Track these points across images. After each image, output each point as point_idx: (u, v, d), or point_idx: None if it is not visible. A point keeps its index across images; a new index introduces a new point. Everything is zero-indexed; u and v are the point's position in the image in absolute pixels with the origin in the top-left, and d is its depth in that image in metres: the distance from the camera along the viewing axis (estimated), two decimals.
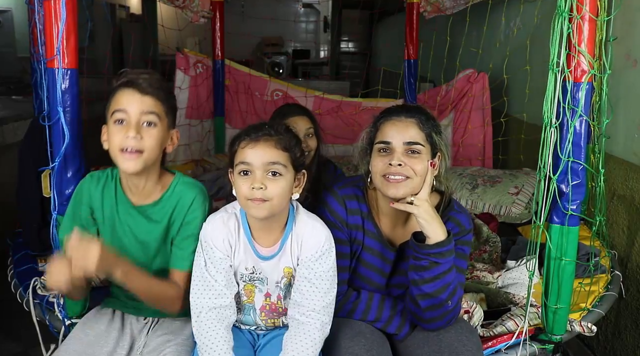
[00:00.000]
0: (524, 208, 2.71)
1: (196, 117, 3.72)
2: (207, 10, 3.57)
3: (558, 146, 1.53)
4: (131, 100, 1.35)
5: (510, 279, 2.02)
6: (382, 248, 1.54)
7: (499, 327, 1.67)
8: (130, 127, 1.34)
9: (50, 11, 1.40)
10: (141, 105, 1.35)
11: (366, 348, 1.38)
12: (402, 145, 1.41)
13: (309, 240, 1.38)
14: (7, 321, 2.49)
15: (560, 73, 1.50)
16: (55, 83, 1.44)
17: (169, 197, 1.47)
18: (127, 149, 1.35)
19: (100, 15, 6.13)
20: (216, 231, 1.39)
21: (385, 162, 1.41)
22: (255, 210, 1.31)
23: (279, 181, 1.31)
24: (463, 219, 1.51)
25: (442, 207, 1.51)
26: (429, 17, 3.60)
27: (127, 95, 1.35)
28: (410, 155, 1.41)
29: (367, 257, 1.54)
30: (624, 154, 2.34)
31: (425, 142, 1.43)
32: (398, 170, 1.39)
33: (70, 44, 1.43)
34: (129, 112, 1.35)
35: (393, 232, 1.56)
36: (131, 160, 1.35)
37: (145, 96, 1.36)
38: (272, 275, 1.42)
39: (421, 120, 1.44)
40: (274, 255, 1.41)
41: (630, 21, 2.29)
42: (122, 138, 1.34)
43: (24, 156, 2.11)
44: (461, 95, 3.59)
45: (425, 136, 1.43)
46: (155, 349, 1.46)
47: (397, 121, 1.43)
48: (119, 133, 1.35)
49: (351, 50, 9.68)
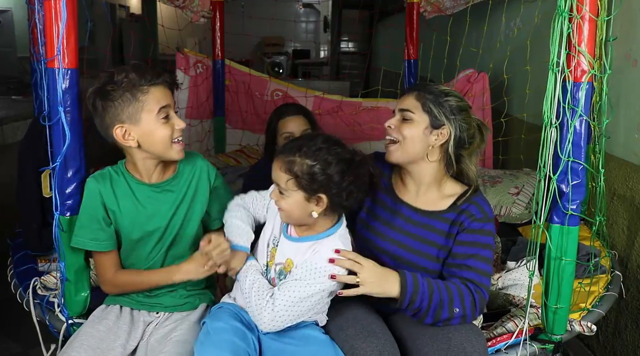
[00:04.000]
0: (524, 208, 2.70)
1: (196, 117, 3.72)
2: (207, 10, 3.57)
3: (558, 146, 1.54)
4: (168, 95, 1.49)
5: (510, 280, 2.02)
6: (394, 203, 1.64)
7: (499, 328, 1.67)
8: (177, 119, 1.50)
9: (50, 11, 1.40)
10: (172, 98, 1.50)
11: (378, 348, 1.38)
12: (398, 112, 1.59)
13: (319, 253, 1.41)
14: (7, 321, 2.49)
15: (560, 73, 1.50)
16: (55, 83, 1.44)
17: (183, 168, 1.62)
18: (178, 140, 1.51)
19: (100, 15, 6.13)
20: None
21: (385, 124, 1.61)
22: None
23: (286, 198, 1.41)
24: (486, 206, 1.57)
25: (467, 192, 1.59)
26: (429, 17, 3.60)
27: (164, 92, 1.47)
28: (403, 121, 1.57)
29: (378, 210, 1.65)
30: (624, 154, 2.34)
31: (420, 111, 1.56)
32: (388, 130, 1.59)
33: (70, 43, 1.43)
34: (171, 106, 1.49)
35: (415, 197, 1.64)
36: (181, 149, 1.53)
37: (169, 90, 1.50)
38: (280, 253, 1.49)
39: (420, 91, 1.58)
40: (291, 239, 1.48)
41: (630, 21, 2.29)
42: (171, 130, 1.49)
43: (24, 156, 2.10)
44: (461, 95, 3.59)
45: (420, 105, 1.56)
46: (164, 337, 1.50)
47: (404, 94, 1.63)
48: (167, 128, 1.48)
49: (351, 50, 9.69)
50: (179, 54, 3.66)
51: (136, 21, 8.55)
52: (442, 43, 3.45)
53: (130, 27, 8.28)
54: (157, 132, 1.47)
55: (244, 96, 3.90)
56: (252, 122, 3.93)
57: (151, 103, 1.44)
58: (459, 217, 1.55)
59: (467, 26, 3.36)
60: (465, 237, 1.53)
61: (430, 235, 1.58)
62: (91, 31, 1.93)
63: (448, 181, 1.63)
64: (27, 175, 2.02)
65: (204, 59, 3.75)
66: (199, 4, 3.51)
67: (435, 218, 1.59)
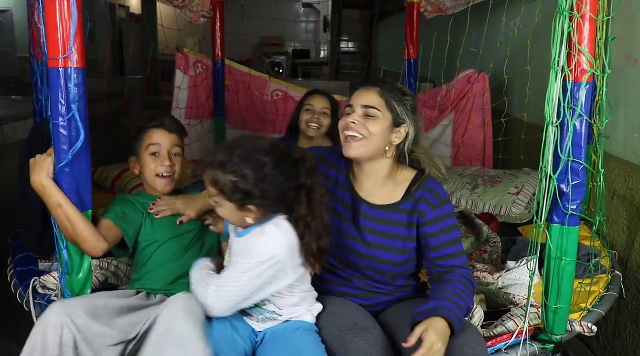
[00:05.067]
0: (524, 208, 2.70)
1: (196, 117, 3.72)
2: (207, 10, 3.57)
3: (558, 146, 1.54)
4: (163, 137, 1.77)
5: (511, 280, 2.02)
6: (354, 201, 1.64)
7: (499, 328, 1.67)
8: (164, 158, 1.76)
9: (54, 11, 1.40)
10: (170, 141, 1.78)
11: (371, 343, 1.39)
12: (361, 108, 1.57)
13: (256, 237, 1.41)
14: (7, 321, 2.49)
15: (561, 72, 1.50)
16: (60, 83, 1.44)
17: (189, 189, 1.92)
18: (163, 175, 1.76)
19: (100, 15, 6.13)
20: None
21: (347, 120, 1.57)
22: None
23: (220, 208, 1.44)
24: (440, 189, 1.61)
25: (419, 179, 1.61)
26: (429, 17, 3.60)
27: (159, 134, 1.77)
28: (367, 118, 1.56)
29: (340, 208, 1.64)
30: (624, 154, 2.34)
31: (384, 108, 1.56)
32: (353, 126, 1.55)
33: (78, 43, 1.43)
34: (162, 145, 1.76)
35: (371, 193, 1.64)
36: (167, 184, 1.78)
37: (172, 134, 1.79)
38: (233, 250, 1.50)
39: (383, 89, 1.58)
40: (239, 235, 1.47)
41: (630, 21, 2.29)
42: (157, 166, 1.76)
43: (25, 157, 2.09)
44: (462, 95, 3.59)
45: (384, 103, 1.57)
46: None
47: (362, 89, 1.61)
48: (154, 163, 1.76)
49: (351, 50, 9.69)
50: (178, 54, 3.65)
51: (136, 21, 8.56)
52: (442, 43, 3.45)
53: (130, 27, 8.28)
54: (147, 165, 1.77)
55: (244, 96, 3.90)
56: (252, 122, 3.93)
57: (146, 141, 1.77)
58: (416, 206, 1.58)
59: (468, 26, 3.35)
60: (432, 229, 1.57)
61: (392, 229, 1.59)
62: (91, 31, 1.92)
63: (399, 170, 1.64)
64: (28, 176, 2.02)
65: (204, 59, 3.75)
66: (199, 4, 3.50)
67: (393, 211, 1.60)
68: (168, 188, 1.78)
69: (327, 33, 9.93)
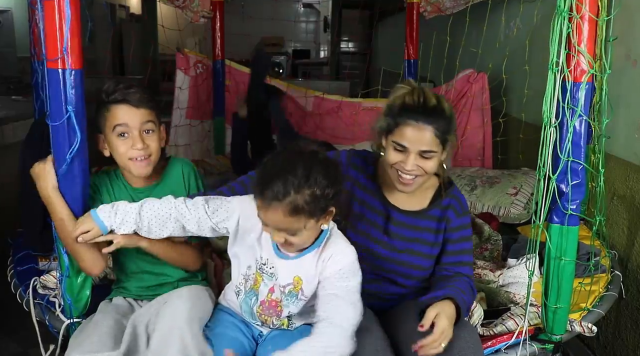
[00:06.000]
0: (522, 208, 2.71)
1: (196, 117, 3.72)
2: (207, 10, 3.57)
3: (558, 146, 1.54)
4: (129, 115, 1.50)
5: (511, 277, 2.02)
6: (383, 207, 1.62)
7: (499, 326, 1.67)
8: (135, 140, 1.51)
9: (52, 11, 1.40)
10: (139, 117, 1.51)
11: (371, 343, 1.40)
12: (417, 152, 1.47)
13: (334, 258, 1.38)
14: (7, 321, 2.49)
15: (560, 73, 1.50)
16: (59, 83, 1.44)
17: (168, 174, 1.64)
18: (137, 158, 1.52)
19: (100, 15, 6.13)
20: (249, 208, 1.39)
21: (400, 158, 1.48)
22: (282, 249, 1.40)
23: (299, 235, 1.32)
24: (464, 199, 1.64)
25: (445, 187, 1.62)
26: (429, 17, 3.60)
27: (124, 111, 1.50)
28: (423, 158, 1.48)
29: (369, 214, 1.62)
30: (624, 154, 2.34)
31: (439, 146, 1.48)
32: (410, 171, 1.48)
33: (74, 44, 1.43)
34: (130, 125, 1.50)
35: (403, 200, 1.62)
36: (142, 167, 1.54)
37: (139, 109, 1.51)
38: (282, 275, 1.42)
39: (437, 126, 1.46)
40: (292, 258, 1.40)
41: (630, 21, 2.29)
42: (128, 149, 1.51)
43: (25, 157, 2.10)
44: (460, 95, 3.59)
45: (440, 142, 1.47)
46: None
47: (415, 127, 1.45)
48: (125, 145, 1.51)
49: (351, 50, 9.66)
50: (179, 54, 3.66)
51: (136, 21, 8.56)
52: (442, 43, 3.45)
53: (130, 27, 8.28)
54: (116, 148, 1.53)
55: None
56: None
57: (110, 120, 1.51)
58: (444, 213, 1.60)
59: (467, 26, 3.36)
60: (453, 235, 1.60)
61: (421, 234, 1.60)
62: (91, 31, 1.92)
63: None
64: (28, 175, 2.02)
65: (204, 59, 3.75)
66: (199, 4, 3.51)
67: (422, 217, 1.61)
68: (145, 172, 1.55)
69: (327, 33, 9.91)
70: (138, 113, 1.50)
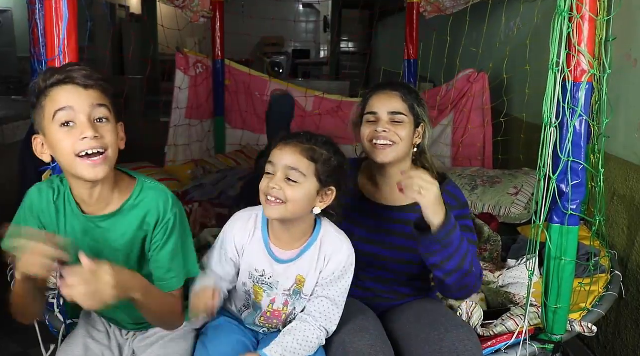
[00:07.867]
0: (523, 208, 2.71)
1: (196, 117, 3.72)
2: (207, 10, 3.57)
3: (558, 146, 1.54)
4: (75, 95, 1.14)
5: (511, 278, 2.02)
6: (367, 206, 1.64)
7: (499, 327, 1.67)
8: (84, 127, 1.13)
9: (51, 11, 1.40)
10: (88, 99, 1.15)
11: (369, 343, 1.39)
12: (387, 115, 1.57)
13: (337, 256, 1.41)
14: (7, 321, 2.49)
15: (560, 73, 1.50)
16: None
17: (131, 207, 1.26)
18: (87, 153, 1.14)
19: (101, 15, 6.13)
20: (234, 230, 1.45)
21: (372, 129, 1.57)
22: (269, 210, 1.34)
23: (296, 187, 1.32)
24: (459, 193, 1.64)
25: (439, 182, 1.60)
26: (429, 17, 3.60)
27: (68, 92, 1.15)
28: (394, 123, 1.56)
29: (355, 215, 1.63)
30: (624, 154, 2.34)
31: (408, 113, 1.58)
32: (383, 135, 1.55)
33: (71, 44, 1.43)
34: (76, 109, 1.14)
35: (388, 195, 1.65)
36: (95, 166, 1.15)
37: (88, 89, 1.16)
38: (283, 280, 1.43)
39: (404, 93, 1.59)
40: (291, 260, 1.42)
41: (630, 21, 2.29)
42: (74, 142, 1.14)
43: (24, 156, 2.10)
44: (461, 95, 3.59)
45: (407, 107, 1.58)
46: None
47: (382, 94, 1.60)
48: (70, 138, 1.14)
49: (351, 50, 9.68)
50: (178, 54, 3.66)
51: (136, 21, 8.56)
52: (442, 43, 3.45)
53: (130, 27, 8.28)
54: (58, 143, 1.15)
55: (244, 96, 3.90)
56: (252, 122, 3.93)
57: (49, 107, 1.15)
58: None
59: (467, 26, 3.36)
60: None
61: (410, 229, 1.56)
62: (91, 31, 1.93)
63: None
64: (28, 175, 2.02)
65: (203, 59, 3.75)
66: (199, 4, 3.51)
67: (412, 211, 1.58)
68: (101, 173, 1.16)
69: (327, 33, 9.93)
70: (85, 94, 1.15)
